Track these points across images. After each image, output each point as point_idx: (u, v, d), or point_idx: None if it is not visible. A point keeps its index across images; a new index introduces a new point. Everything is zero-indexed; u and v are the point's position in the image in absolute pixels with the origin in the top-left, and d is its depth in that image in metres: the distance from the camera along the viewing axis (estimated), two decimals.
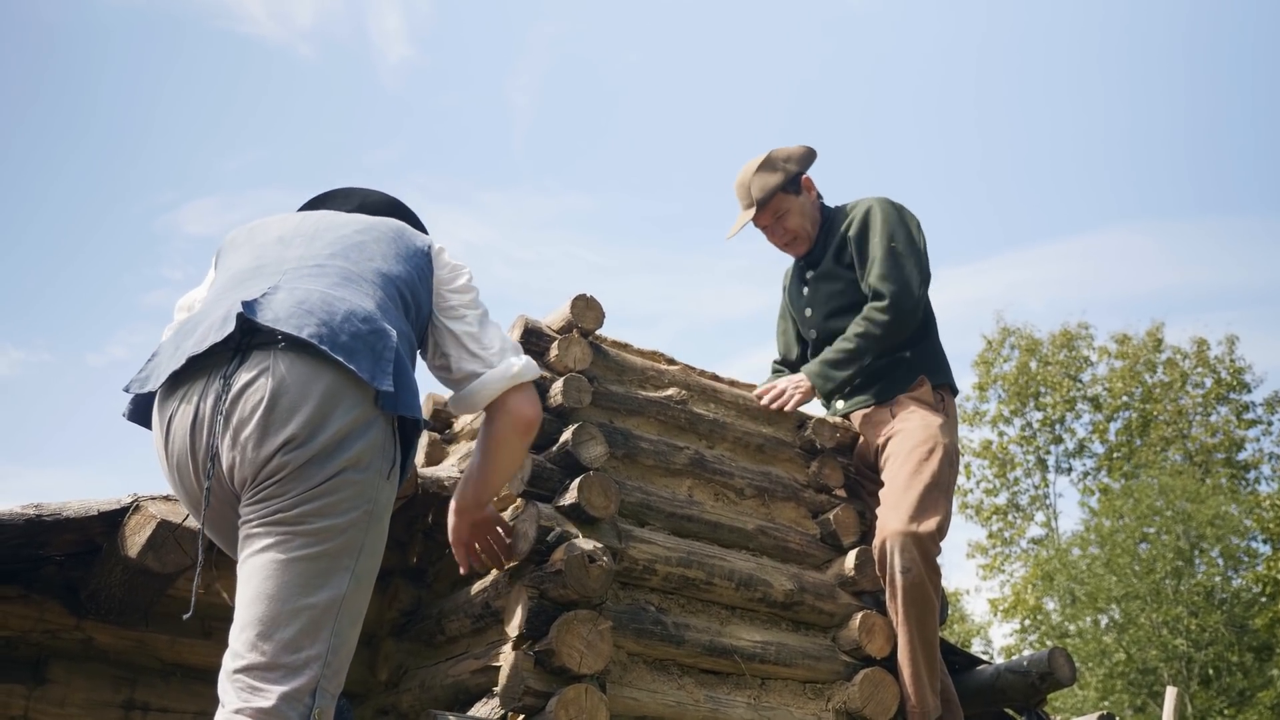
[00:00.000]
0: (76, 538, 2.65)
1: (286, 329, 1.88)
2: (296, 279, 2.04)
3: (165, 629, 2.93)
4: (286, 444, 1.84)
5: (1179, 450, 22.58)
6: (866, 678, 2.85)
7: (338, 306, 1.96)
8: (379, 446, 1.93)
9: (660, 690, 2.61)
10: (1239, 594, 18.21)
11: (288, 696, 1.77)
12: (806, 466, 3.18)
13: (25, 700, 2.73)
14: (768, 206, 3.46)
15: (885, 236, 3.32)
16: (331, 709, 1.84)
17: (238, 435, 1.86)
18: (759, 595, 2.84)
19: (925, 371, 3.32)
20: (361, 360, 1.89)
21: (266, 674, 1.78)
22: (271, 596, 1.81)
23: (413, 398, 2.01)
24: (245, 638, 1.81)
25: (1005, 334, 24.57)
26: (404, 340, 2.06)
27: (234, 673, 1.81)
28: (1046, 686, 3.48)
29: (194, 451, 1.93)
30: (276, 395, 1.85)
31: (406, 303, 2.17)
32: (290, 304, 1.94)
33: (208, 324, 1.97)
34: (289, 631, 1.80)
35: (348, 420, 1.88)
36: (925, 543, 2.94)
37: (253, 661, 1.79)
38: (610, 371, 2.96)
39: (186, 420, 1.93)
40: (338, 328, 1.91)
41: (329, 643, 1.83)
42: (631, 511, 2.77)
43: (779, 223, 3.49)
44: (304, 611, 1.81)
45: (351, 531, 1.87)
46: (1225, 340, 23.28)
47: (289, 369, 1.87)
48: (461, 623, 2.82)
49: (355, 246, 2.19)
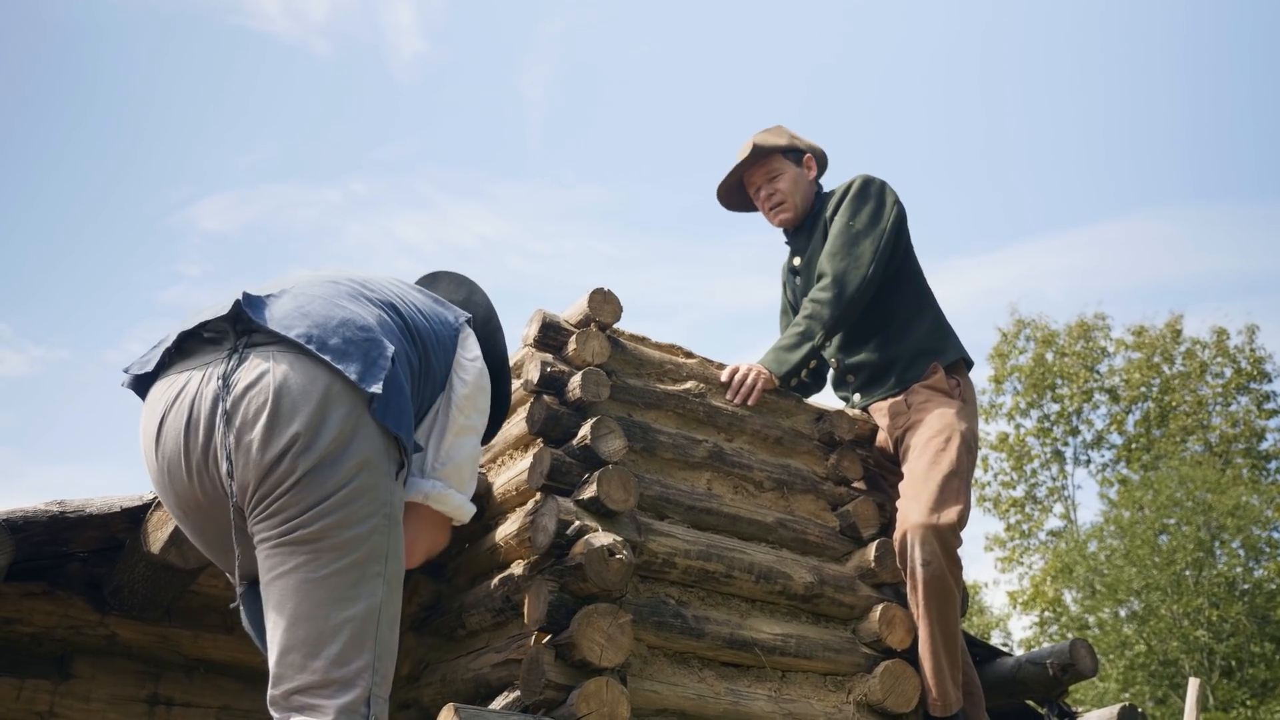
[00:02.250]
0: (100, 534, 2.67)
1: (277, 329, 1.88)
2: (307, 288, 2.04)
3: (188, 624, 2.96)
4: (291, 444, 1.82)
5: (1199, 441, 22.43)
6: (887, 670, 2.85)
7: (335, 314, 1.95)
8: (382, 449, 1.92)
9: (681, 683, 2.61)
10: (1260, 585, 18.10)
11: (344, 710, 1.79)
12: (825, 459, 3.18)
13: (51, 695, 2.76)
14: (763, 161, 3.43)
15: (848, 215, 3.30)
16: (385, 712, 1.86)
17: (242, 436, 1.83)
18: (779, 588, 2.84)
19: (935, 355, 3.28)
20: (351, 363, 1.88)
21: (321, 691, 1.79)
22: (310, 617, 1.81)
23: (403, 415, 1.96)
24: (291, 660, 1.81)
25: (1020, 326, 24.45)
26: (403, 361, 2.02)
27: (288, 694, 1.80)
28: (1068, 678, 3.47)
29: (188, 451, 1.90)
30: (280, 395, 1.84)
31: (414, 341, 2.12)
32: (290, 307, 1.94)
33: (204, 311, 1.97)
34: (335, 647, 1.80)
35: (348, 424, 1.86)
36: (946, 535, 2.93)
37: (305, 683, 1.79)
38: (628, 365, 2.96)
39: (181, 420, 1.90)
40: (330, 331, 1.90)
41: (374, 651, 1.84)
42: (651, 505, 2.77)
43: (771, 182, 3.45)
44: (346, 625, 1.82)
45: (375, 538, 1.87)
46: (1245, 329, 23.10)
47: (289, 369, 1.86)
48: (482, 617, 2.83)
49: (380, 284, 2.18)
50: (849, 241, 3.25)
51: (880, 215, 3.29)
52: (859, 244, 3.24)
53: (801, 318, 3.22)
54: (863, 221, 3.27)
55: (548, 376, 2.80)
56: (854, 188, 3.36)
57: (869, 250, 3.23)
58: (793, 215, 3.47)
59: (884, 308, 3.34)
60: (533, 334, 2.88)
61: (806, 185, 3.49)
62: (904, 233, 3.37)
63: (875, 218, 3.29)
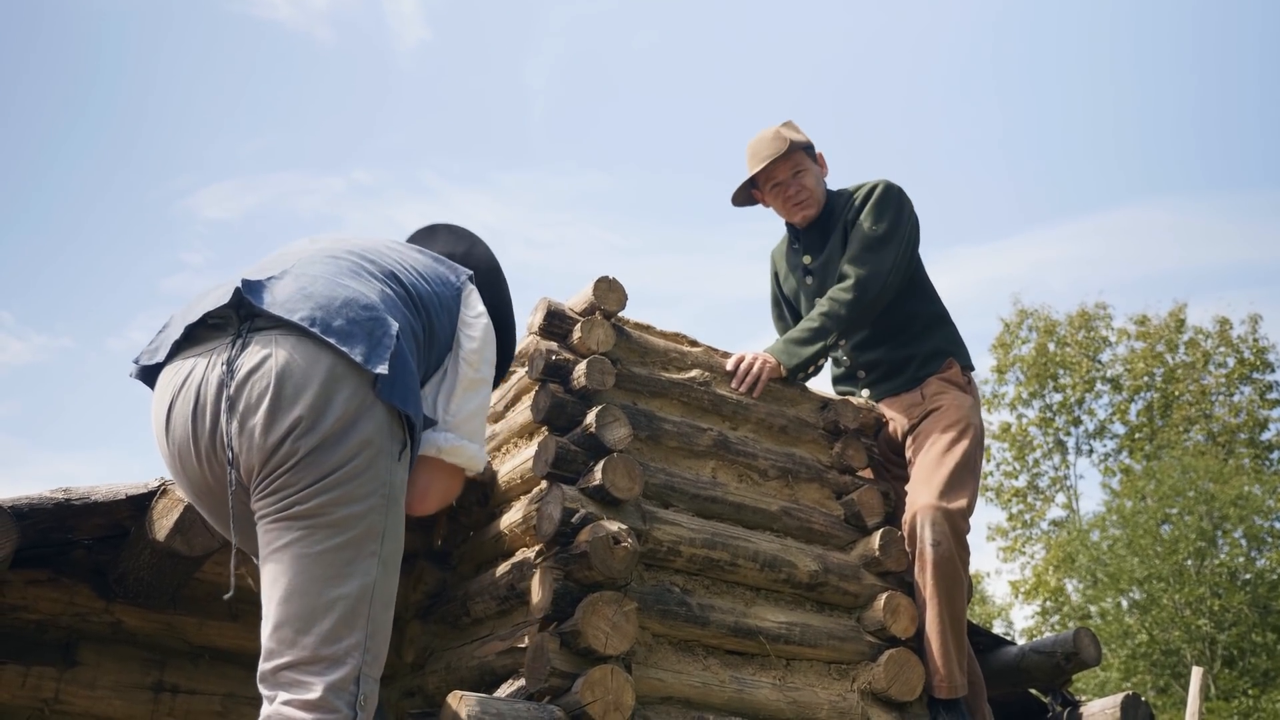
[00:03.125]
0: (105, 521, 2.67)
1: (280, 313, 1.87)
2: (306, 266, 2.04)
3: (193, 611, 2.96)
4: (294, 427, 1.82)
5: (1201, 431, 22.41)
6: (891, 658, 2.85)
7: (338, 293, 1.95)
8: (386, 429, 1.92)
9: (685, 671, 2.61)
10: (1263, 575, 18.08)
11: (333, 687, 1.78)
12: (830, 448, 3.18)
13: (56, 682, 2.76)
14: (792, 156, 3.43)
15: (871, 219, 3.31)
16: (375, 693, 1.85)
17: (245, 421, 1.84)
18: (783, 576, 2.84)
19: (950, 355, 3.34)
20: (356, 344, 1.88)
21: (310, 668, 1.79)
22: (304, 592, 1.81)
23: (410, 392, 1.97)
24: (282, 635, 1.81)
25: (1023, 316, 24.41)
26: (408, 335, 2.03)
27: (277, 670, 1.81)
28: (1072, 667, 3.47)
29: (196, 437, 1.91)
30: (282, 380, 1.84)
31: (418, 310, 2.14)
32: (292, 289, 1.93)
33: (207, 295, 1.97)
34: (326, 624, 1.80)
35: (352, 404, 1.86)
36: (955, 518, 2.94)
37: (294, 658, 1.79)
38: (633, 353, 2.95)
39: (188, 407, 1.91)
40: (334, 312, 1.90)
41: (366, 630, 1.84)
42: (655, 493, 2.77)
43: (796, 178, 3.45)
44: (338, 602, 1.82)
45: (371, 517, 1.87)
46: (1248, 319, 23.06)
47: (292, 353, 1.86)
48: (487, 604, 2.83)
49: (380, 253, 2.18)
50: (872, 247, 3.27)
51: (901, 222, 3.32)
52: (882, 249, 3.27)
53: (818, 314, 3.22)
54: (886, 228, 3.30)
55: (553, 364, 2.79)
56: (878, 193, 3.36)
57: (890, 257, 3.26)
58: (815, 211, 3.48)
59: (900, 312, 3.37)
60: (537, 322, 2.88)
61: (822, 182, 3.51)
62: (918, 242, 3.40)
63: (897, 224, 3.31)
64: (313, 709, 1.76)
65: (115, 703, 2.81)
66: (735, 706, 2.64)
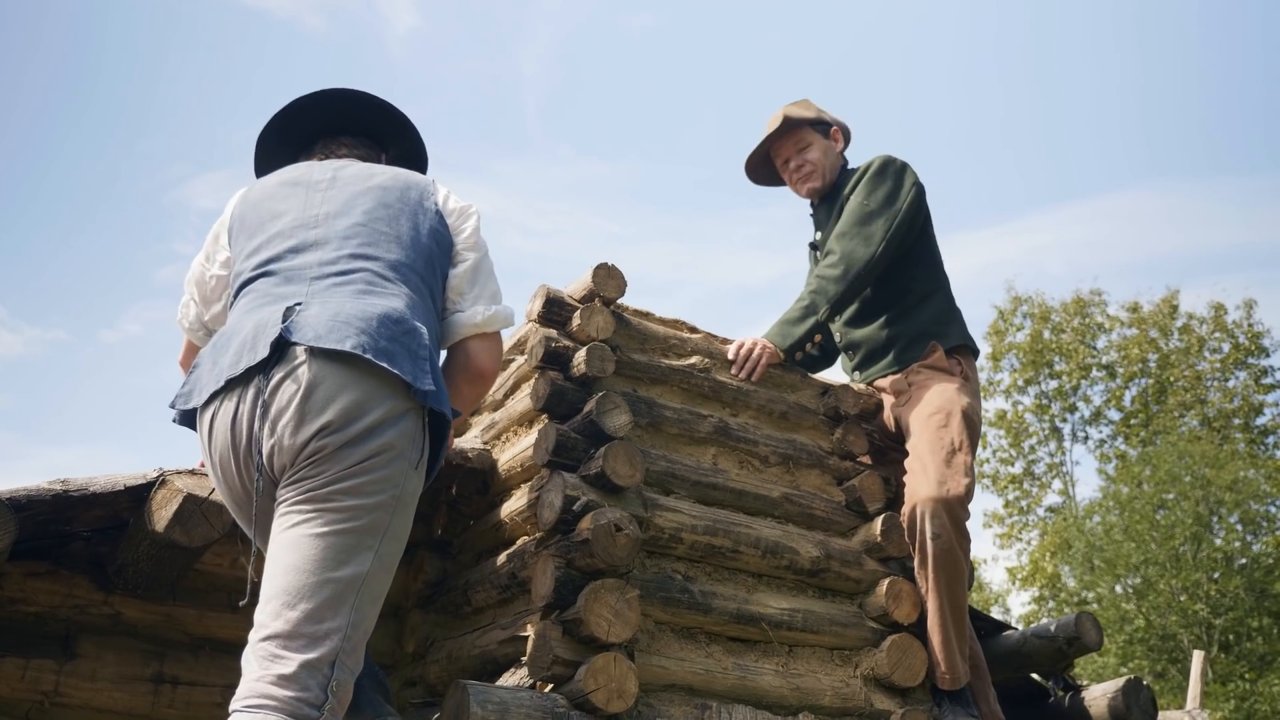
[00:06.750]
0: (104, 513, 2.66)
1: (329, 345, 1.94)
2: (323, 290, 2.09)
3: (193, 603, 2.95)
4: (322, 430, 1.90)
5: (1196, 416, 22.44)
6: (894, 644, 2.84)
7: (370, 313, 2.01)
8: (411, 437, 2.00)
9: (688, 658, 2.60)
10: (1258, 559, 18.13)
11: (308, 665, 1.82)
12: (830, 433, 3.17)
13: (56, 675, 2.75)
14: (793, 133, 3.45)
15: (864, 194, 3.31)
16: (350, 684, 1.89)
17: (276, 423, 1.92)
18: (785, 562, 2.83)
19: (936, 336, 3.28)
20: (402, 362, 1.97)
21: (289, 642, 1.83)
22: (299, 569, 1.87)
23: (443, 392, 2.07)
24: (270, 608, 1.87)
25: (1017, 303, 24.41)
26: (432, 335, 2.12)
27: (258, 642, 1.85)
28: (1073, 651, 3.48)
29: (235, 446, 1.99)
30: (313, 385, 1.92)
31: (432, 288, 2.22)
32: (325, 319, 1.99)
33: (240, 341, 2.01)
34: (313, 603, 1.85)
35: (383, 411, 1.95)
36: (955, 508, 2.93)
37: (276, 630, 1.84)
38: (633, 340, 2.94)
39: (226, 419, 1.99)
40: (376, 334, 1.97)
41: (349, 618, 1.88)
42: (657, 480, 2.76)
43: (800, 154, 3.46)
44: (328, 585, 1.86)
45: (377, 513, 1.93)
46: (1243, 304, 23.07)
47: (324, 362, 1.94)
48: (488, 593, 2.82)
49: (374, 241, 2.19)
50: (861, 220, 3.26)
51: (896, 196, 3.29)
52: (871, 223, 3.25)
53: (806, 292, 3.23)
54: (877, 201, 3.28)
55: (552, 352, 2.78)
56: (873, 167, 3.36)
57: (880, 230, 3.23)
58: (821, 184, 3.48)
59: (895, 286, 3.34)
60: (537, 309, 2.87)
61: (835, 156, 3.51)
62: (921, 214, 3.36)
63: (891, 198, 3.29)
64: (286, 683, 1.80)
65: (115, 695, 2.80)
66: (738, 693, 2.63)
